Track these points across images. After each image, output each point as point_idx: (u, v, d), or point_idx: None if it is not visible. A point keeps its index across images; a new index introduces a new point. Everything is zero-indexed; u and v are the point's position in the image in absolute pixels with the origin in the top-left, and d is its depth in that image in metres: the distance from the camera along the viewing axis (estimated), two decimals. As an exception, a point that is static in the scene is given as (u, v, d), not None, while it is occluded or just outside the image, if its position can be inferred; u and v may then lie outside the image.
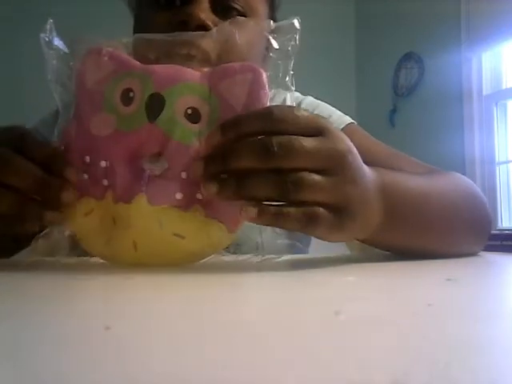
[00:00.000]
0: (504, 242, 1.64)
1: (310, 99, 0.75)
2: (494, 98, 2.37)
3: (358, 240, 0.45)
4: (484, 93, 2.40)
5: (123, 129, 0.37)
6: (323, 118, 0.38)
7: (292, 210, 0.35)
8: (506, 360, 0.16)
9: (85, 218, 0.38)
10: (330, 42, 2.85)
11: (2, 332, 0.19)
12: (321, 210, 0.35)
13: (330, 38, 2.83)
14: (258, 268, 0.38)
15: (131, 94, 0.38)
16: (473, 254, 0.54)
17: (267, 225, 0.37)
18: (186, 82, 0.38)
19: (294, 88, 0.41)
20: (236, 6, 0.58)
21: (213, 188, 0.35)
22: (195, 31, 0.50)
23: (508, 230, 2.07)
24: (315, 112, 0.69)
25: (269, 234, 0.40)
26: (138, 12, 0.64)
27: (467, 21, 2.40)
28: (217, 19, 0.55)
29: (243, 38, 0.54)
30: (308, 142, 0.35)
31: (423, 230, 0.47)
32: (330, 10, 2.89)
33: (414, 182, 0.49)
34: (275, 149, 0.34)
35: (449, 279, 0.33)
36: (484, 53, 2.39)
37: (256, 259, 0.39)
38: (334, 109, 0.74)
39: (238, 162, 0.35)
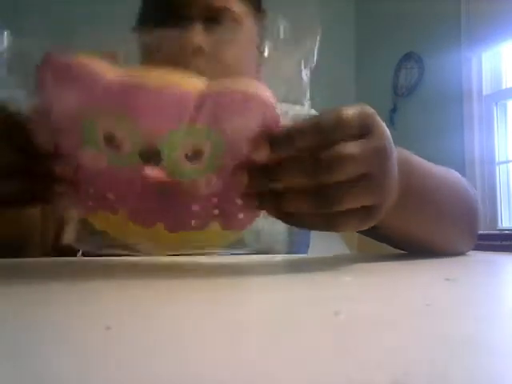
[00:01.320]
0: (504, 242, 1.64)
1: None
2: (493, 97, 2.37)
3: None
4: (484, 93, 2.40)
5: (118, 164, 0.34)
6: (367, 109, 0.36)
7: (318, 219, 0.36)
8: (505, 360, 0.16)
9: (102, 223, 0.39)
10: (330, 41, 2.85)
11: (3, 332, 0.19)
12: (345, 218, 0.35)
13: (330, 37, 2.82)
14: (258, 268, 0.38)
15: (115, 141, 0.32)
16: (462, 253, 0.55)
17: (292, 225, 0.38)
18: (180, 130, 0.32)
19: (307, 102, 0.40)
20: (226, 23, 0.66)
21: (254, 203, 0.35)
22: (192, 54, 0.59)
23: (508, 230, 2.08)
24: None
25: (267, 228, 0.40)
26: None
27: (467, 21, 2.40)
28: (211, 40, 0.63)
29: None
30: (355, 149, 0.34)
31: (430, 217, 0.48)
32: (331, 9, 2.89)
33: (429, 167, 0.49)
34: (325, 166, 0.34)
35: (447, 279, 0.33)
36: (484, 53, 2.40)
37: (256, 259, 0.39)
38: None
39: (287, 179, 0.34)
